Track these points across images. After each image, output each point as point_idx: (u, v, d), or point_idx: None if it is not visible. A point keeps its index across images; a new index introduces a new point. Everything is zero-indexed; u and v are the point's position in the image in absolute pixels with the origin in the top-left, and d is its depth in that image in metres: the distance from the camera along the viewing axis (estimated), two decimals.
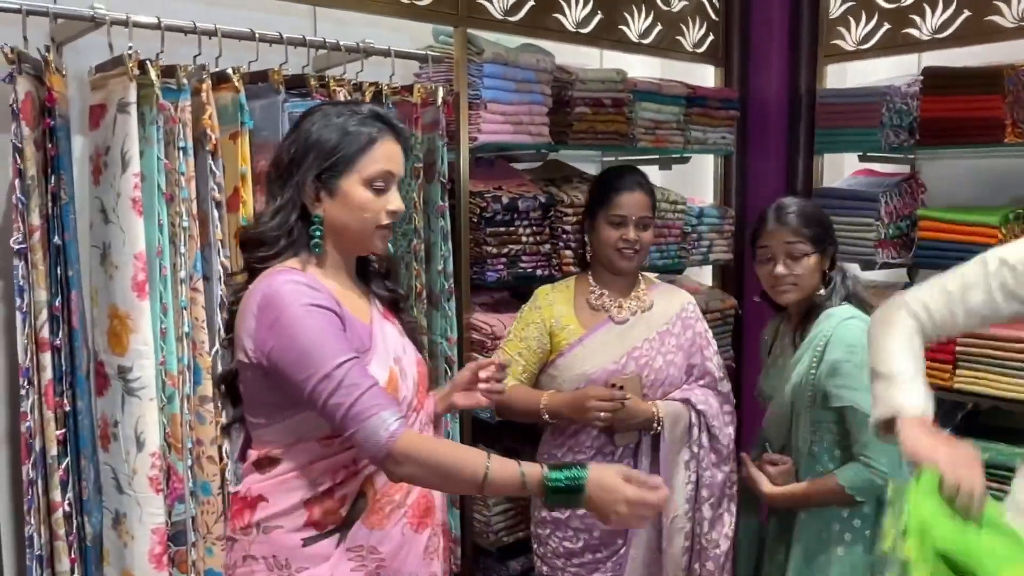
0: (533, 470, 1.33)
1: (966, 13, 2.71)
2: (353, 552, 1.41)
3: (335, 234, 1.45)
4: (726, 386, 2.19)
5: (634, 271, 2.16)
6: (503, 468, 1.33)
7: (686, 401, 2.09)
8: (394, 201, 1.46)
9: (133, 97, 1.82)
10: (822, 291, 2.00)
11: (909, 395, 1.42)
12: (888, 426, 1.43)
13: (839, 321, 1.96)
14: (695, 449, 2.09)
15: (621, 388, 2.00)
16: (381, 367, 1.43)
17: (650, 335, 2.10)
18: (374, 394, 1.32)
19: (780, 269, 1.98)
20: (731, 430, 2.15)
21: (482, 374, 1.69)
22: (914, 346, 1.50)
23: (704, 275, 3.42)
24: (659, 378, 2.09)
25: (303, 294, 1.34)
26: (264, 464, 1.43)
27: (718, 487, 2.12)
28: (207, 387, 1.95)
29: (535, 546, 2.17)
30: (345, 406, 1.30)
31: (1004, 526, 1.29)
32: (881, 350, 1.52)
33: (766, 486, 1.98)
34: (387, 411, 1.31)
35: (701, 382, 2.15)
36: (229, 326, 1.47)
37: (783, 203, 2.05)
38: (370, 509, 1.42)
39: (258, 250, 1.44)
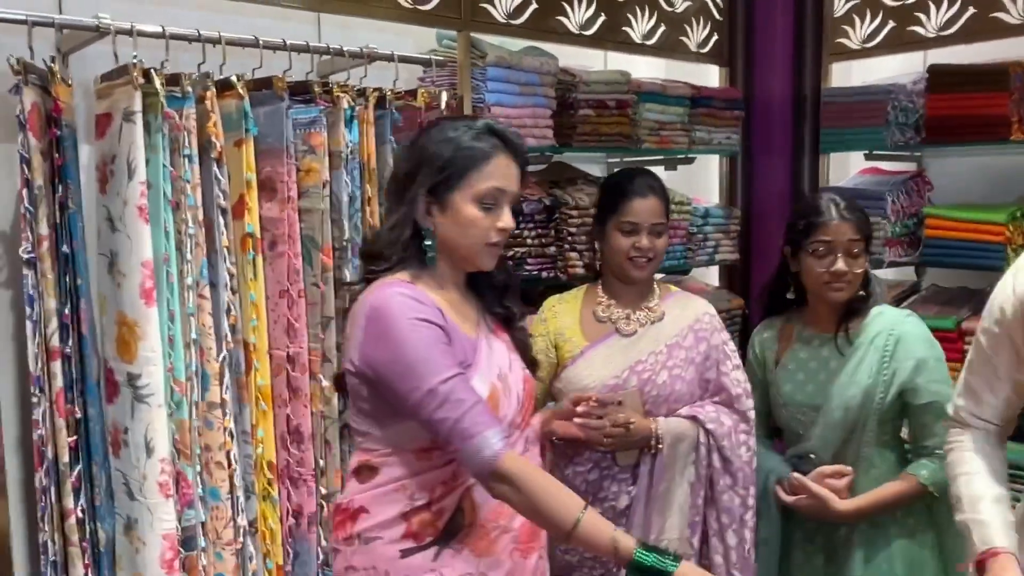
0: (625, 539, 1.33)
1: (971, 10, 2.71)
2: None
3: (446, 248, 1.47)
4: (745, 403, 1.99)
5: (647, 280, 2.04)
6: (595, 523, 1.33)
7: (693, 419, 1.94)
8: (504, 219, 1.45)
9: (138, 106, 1.83)
10: (861, 291, 2.00)
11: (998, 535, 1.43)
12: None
13: (898, 318, 1.98)
14: (701, 471, 1.95)
15: (619, 403, 1.87)
16: (482, 383, 1.43)
17: (657, 348, 1.97)
18: (479, 411, 1.33)
19: (842, 266, 1.94)
20: (746, 451, 1.97)
21: (579, 408, 1.68)
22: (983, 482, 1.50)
23: (710, 275, 3.42)
24: (663, 394, 1.95)
25: (410, 308, 1.36)
26: (363, 473, 1.45)
27: (740, 511, 1.96)
28: (215, 393, 1.96)
29: None
30: (450, 422, 1.32)
31: None
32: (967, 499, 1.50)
33: (839, 504, 1.90)
34: (491, 430, 1.32)
35: (716, 398, 1.99)
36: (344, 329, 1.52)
37: (836, 198, 1.99)
38: (477, 535, 1.43)
39: (375, 263, 1.47)
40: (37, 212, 1.81)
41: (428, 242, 1.45)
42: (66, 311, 1.86)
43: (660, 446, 1.91)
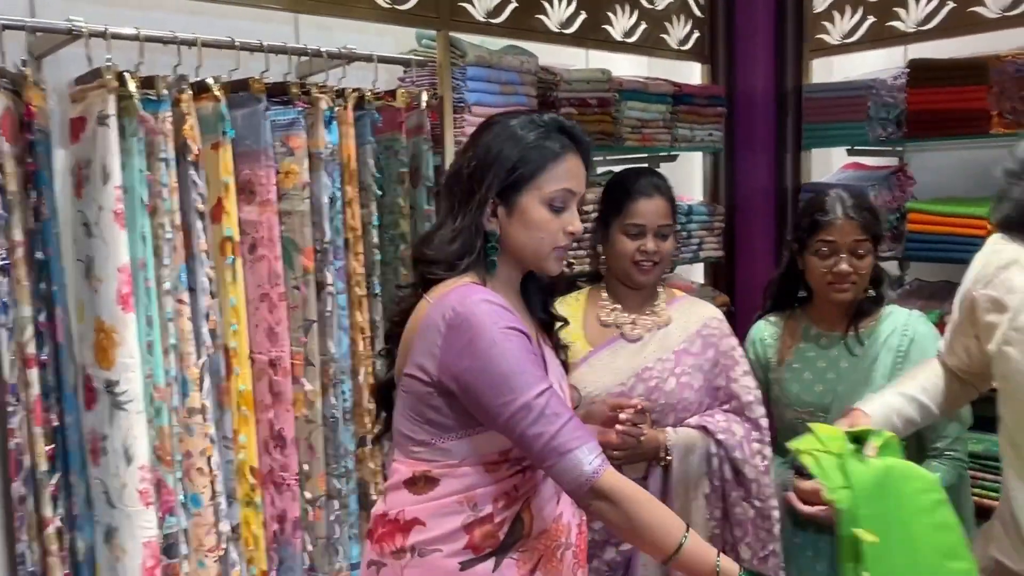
0: (729, 563, 1.29)
1: (950, 4, 2.72)
2: None
3: (509, 252, 1.40)
4: (757, 411, 1.91)
5: (651, 285, 1.93)
6: (698, 548, 1.29)
7: (703, 428, 1.86)
8: (574, 221, 1.38)
9: (113, 109, 1.81)
10: (870, 290, 1.97)
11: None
12: None
13: (910, 318, 1.96)
14: (716, 482, 1.86)
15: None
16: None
17: (664, 355, 1.87)
18: (575, 426, 1.28)
19: (845, 266, 1.90)
20: (761, 460, 1.88)
21: (621, 415, 1.62)
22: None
23: (695, 273, 3.42)
24: (671, 402, 1.85)
25: (500, 316, 1.29)
26: (419, 484, 1.37)
27: (755, 524, 1.87)
28: (195, 398, 1.94)
29: None
30: (546, 436, 1.25)
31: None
32: None
33: None
34: (588, 444, 1.27)
35: (726, 407, 1.90)
36: (391, 336, 1.44)
37: (845, 196, 1.95)
38: (536, 547, 1.39)
39: (434, 267, 1.38)
40: (11, 218, 1.78)
41: (492, 246, 1.37)
42: (41, 318, 1.84)
43: (668, 458, 1.82)
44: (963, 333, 1.60)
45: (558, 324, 1.55)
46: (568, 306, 1.91)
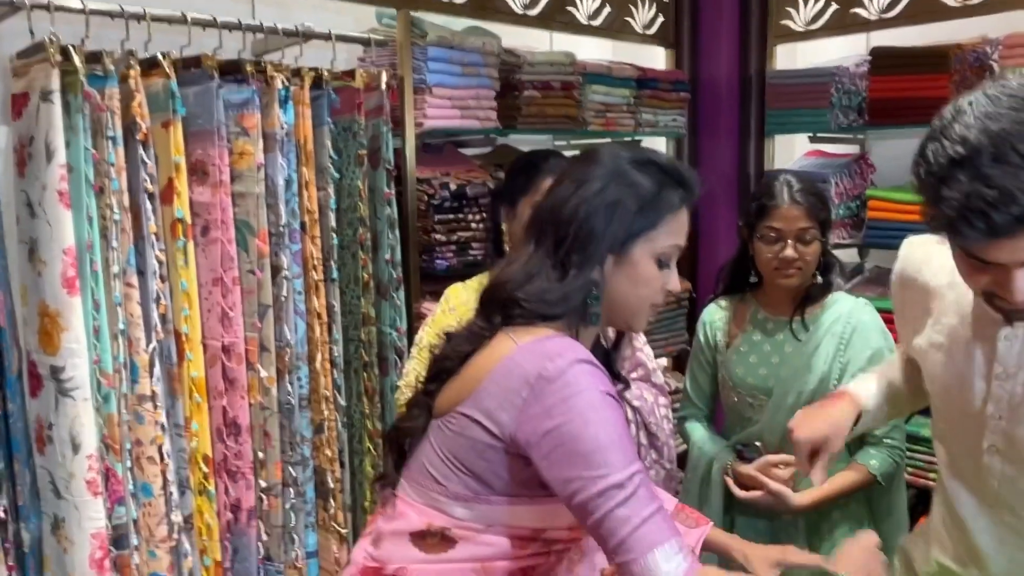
0: None
1: None
2: None
3: (607, 304, 1.24)
4: (660, 377, 2.08)
5: None
6: None
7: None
8: (674, 279, 1.27)
9: (56, 85, 1.74)
10: (818, 276, 1.97)
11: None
12: None
13: (855, 307, 1.96)
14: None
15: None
16: None
17: None
18: (663, 518, 1.11)
19: (790, 252, 1.90)
20: (667, 424, 2.03)
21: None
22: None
23: None
24: None
25: (601, 380, 1.14)
26: (430, 540, 1.20)
27: (663, 485, 1.98)
28: (145, 385, 1.89)
29: None
30: (632, 524, 1.08)
31: None
32: None
33: (795, 499, 1.86)
34: (673, 541, 1.09)
35: (634, 375, 2.01)
36: (438, 375, 1.26)
37: (792, 181, 1.95)
38: None
39: (527, 313, 1.21)
40: None
41: (596, 298, 1.22)
42: None
43: None
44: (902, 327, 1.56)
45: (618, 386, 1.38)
46: (473, 292, 1.91)
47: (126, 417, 1.88)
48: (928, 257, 1.42)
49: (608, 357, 1.37)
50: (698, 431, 2.12)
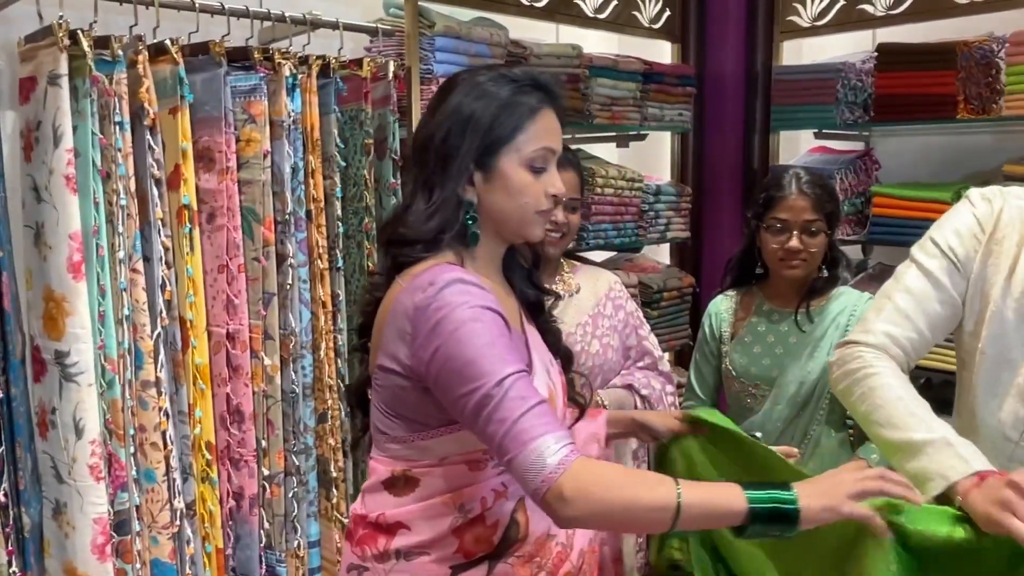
0: (733, 491, 1.08)
1: None
2: None
3: (489, 222, 1.26)
4: (666, 365, 2.12)
5: (558, 257, 2.02)
6: (698, 492, 1.08)
7: (629, 387, 1.99)
8: (555, 182, 1.26)
9: (64, 69, 1.73)
10: (824, 269, 1.99)
11: (952, 459, 1.21)
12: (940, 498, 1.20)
13: (860, 299, 1.97)
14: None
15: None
16: (541, 381, 1.25)
17: (582, 319, 1.99)
18: (541, 411, 1.10)
19: (795, 243, 1.92)
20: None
21: None
22: (911, 392, 1.33)
23: (661, 253, 3.41)
24: (597, 363, 1.97)
25: (471, 294, 1.15)
26: (399, 485, 1.26)
27: None
28: (149, 371, 1.88)
29: None
30: (507, 423, 1.08)
31: None
32: (883, 415, 1.31)
33: None
34: (554, 433, 1.08)
35: (640, 363, 2.06)
36: (364, 329, 1.30)
37: (801, 173, 1.97)
38: (534, 551, 1.26)
39: (410, 248, 1.23)
40: None
41: (471, 218, 1.23)
42: None
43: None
44: (938, 288, 1.43)
45: (549, 300, 1.43)
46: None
47: (130, 403, 1.88)
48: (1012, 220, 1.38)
49: (531, 276, 1.40)
50: None
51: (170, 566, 1.93)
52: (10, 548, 1.83)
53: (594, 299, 2.02)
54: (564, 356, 1.41)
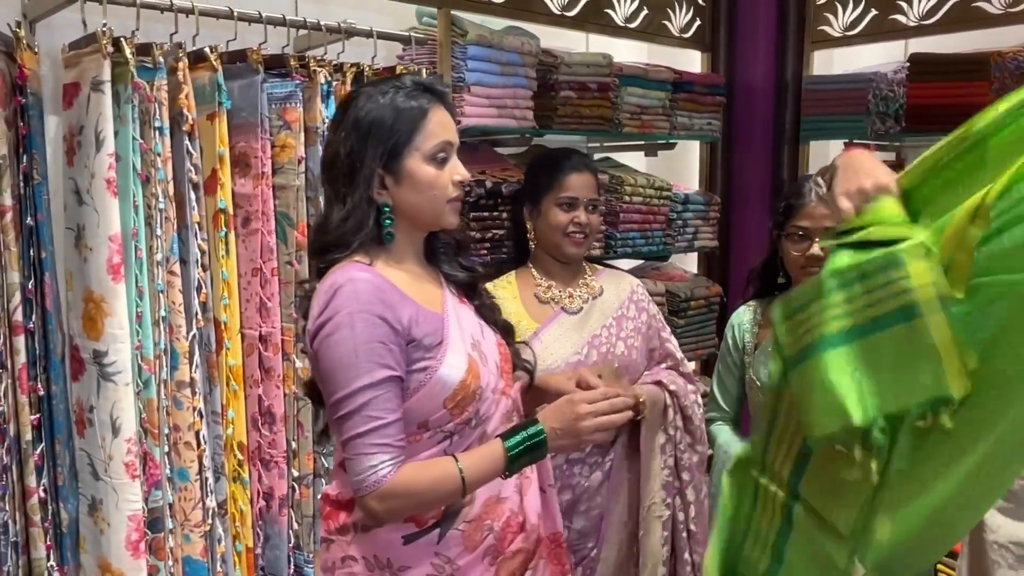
0: (495, 448, 1.32)
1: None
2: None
3: (406, 219, 1.39)
4: (688, 366, 2.14)
5: (581, 258, 2.05)
6: (474, 462, 1.31)
7: (658, 383, 2.01)
8: (459, 169, 1.39)
9: (107, 75, 1.78)
10: None
11: None
12: None
13: None
14: (671, 432, 2.01)
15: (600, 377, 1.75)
16: (458, 355, 1.35)
17: (607, 321, 2.00)
18: (382, 434, 1.26)
19: (817, 251, 1.89)
20: (698, 408, 2.07)
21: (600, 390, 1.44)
22: None
23: (689, 262, 3.41)
24: (623, 364, 1.99)
25: (357, 296, 1.28)
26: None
27: (696, 469, 2.05)
28: (184, 372, 1.92)
29: None
30: (350, 433, 1.27)
31: None
32: None
33: None
34: (381, 456, 1.26)
35: (664, 364, 2.08)
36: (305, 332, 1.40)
37: (821, 181, 1.97)
38: (483, 519, 1.37)
39: (330, 254, 1.36)
40: (1, 182, 1.75)
41: (387, 219, 1.36)
42: (30, 285, 1.81)
43: (645, 414, 1.92)
44: None
45: (480, 279, 1.54)
46: (503, 289, 1.99)
47: (165, 402, 1.92)
48: None
49: (459, 258, 1.52)
50: (724, 433, 2.12)
51: (201, 564, 1.96)
52: (48, 543, 1.87)
53: (617, 301, 2.04)
54: (502, 328, 1.53)
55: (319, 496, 1.47)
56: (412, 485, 1.28)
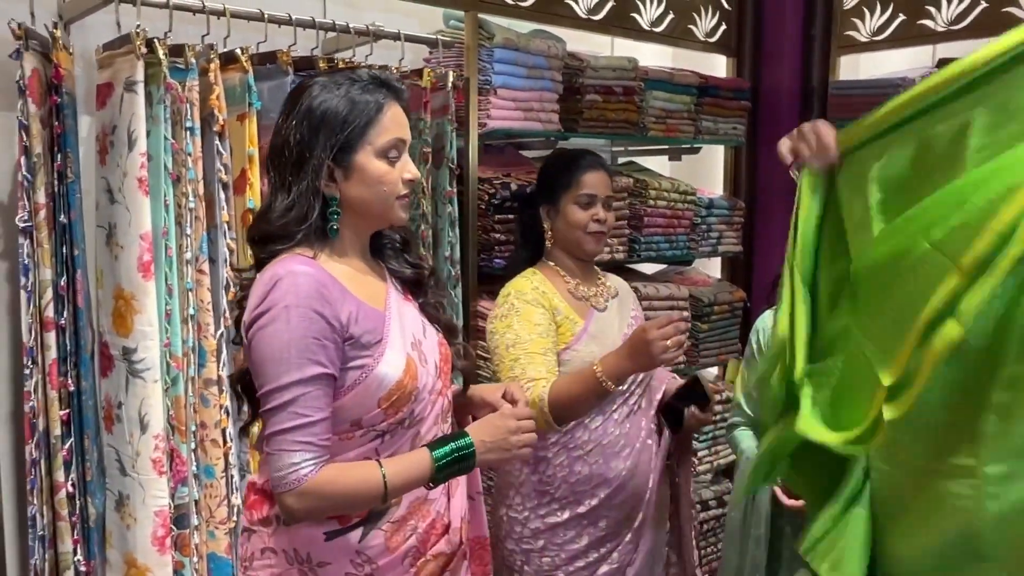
0: (422, 457, 1.31)
1: (983, 4, 2.69)
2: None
3: (353, 214, 1.36)
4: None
5: (598, 255, 2.04)
6: (399, 470, 1.29)
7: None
8: (410, 168, 1.37)
9: (140, 76, 1.80)
10: None
11: None
12: None
13: None
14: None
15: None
16: (396, 355, 1.33)
17: (629, 318, 2.02)
18: (307, 432, 1.25)
19: None
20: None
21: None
22: None
23: (712, 267, 3.40)
24: None
25: (296, 290, 1.25)
26: None
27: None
28: (211, 370, 1.94)
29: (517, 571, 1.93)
30: (275, 427, 1.24)
31: None
32: None
33: None
34: (307, 452, 1.24)
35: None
36: (239, 321, 1.37)
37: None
38: (407, 518, 1.35)
39: (272, 244, 1.32)
40: (35, 180, 1.78)
41: (334, 212, 1.33)
42: (62, 282, 1.84)
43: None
44: None
45: (426, 274, 1.51)
46: (547, 284, 1.95)
47: (192, 400, 1.93)
48: None
49: (405, 255, 1.49)
50: (746, 439, 2.11)
51: (226, 560, 1.98)
52: (75, 537, 1.89)
53: (630, 300, 2.08)
54: (445, 326, 1.51)
55: (247, 483, 1.45)
56: (332, 486, 1.26)
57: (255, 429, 1.50)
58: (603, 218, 1.95)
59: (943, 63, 2.78)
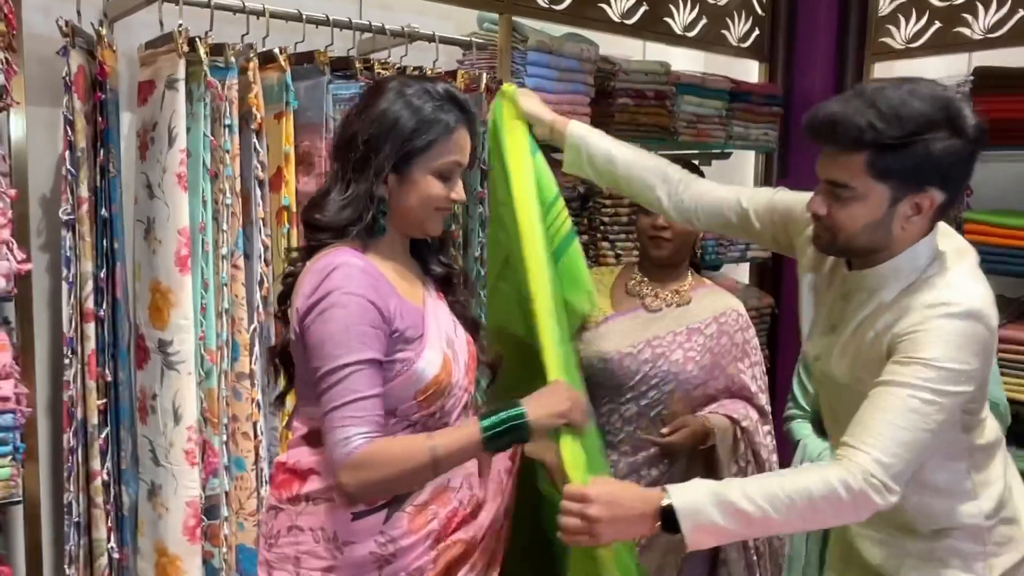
0: (472, 429, 1.32)
1: (1020, 12, 2.66)
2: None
3: (397, 216, 1.42)
4: (761, 399, 2.10)
5: (670, 262, 2.07)
6: (447, 441, 1.31)
7: (730, 419, 2.01)
8: (459, 190, 1.42)
9: (182, 74, 1.84)
10: None
11: None
12: None
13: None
14: (741, 463, 2.02)
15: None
16: (435, 351, 1.39)
17: (678, 329, 2.02)
18: (359, 407, 1.29)
19: None
20: (770, 440, 2.08)
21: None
22: None
23: (741, 272, 3.39)
24: (673, 371, 1.98)
25: (351, 280, 1.31)
26: (314, 440, 1.40)
27: None
28: (244, 364, 1.97)
29: None
30: (332, 404, 1.29)
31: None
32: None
33: None
34: (358, 428, 1.27)
35: (735, 395, 2.06)
36: (283, 297, 1.45)
37: None
38: (443, 518, 1.39)
39: (323, 234, 1.39)
40: (78, 175, 1.82)
41: (383, 211, 1.39)
42: (102, 274, 1.88)
43: (713, 443, 1.95)
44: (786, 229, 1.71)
45: (456, 274, 1.56)
46: (601, 275, 2.15)
47: (225, 393, 1.97)
48: None
49: (439, 255, 1.54)
50: (803, 430, 2.17)
51: (254, 552, 2.00)
52: (109, 524, 1.93)
53: (700, 316, 2.04)
54: (470, 323, 1.56)
55: (274, 461, 1.50)
56: (382, 455, 1.28)
57: (288, 405, 1.57)
58: (661, 224, 2.01)
59: (980, 71, 2.76)
